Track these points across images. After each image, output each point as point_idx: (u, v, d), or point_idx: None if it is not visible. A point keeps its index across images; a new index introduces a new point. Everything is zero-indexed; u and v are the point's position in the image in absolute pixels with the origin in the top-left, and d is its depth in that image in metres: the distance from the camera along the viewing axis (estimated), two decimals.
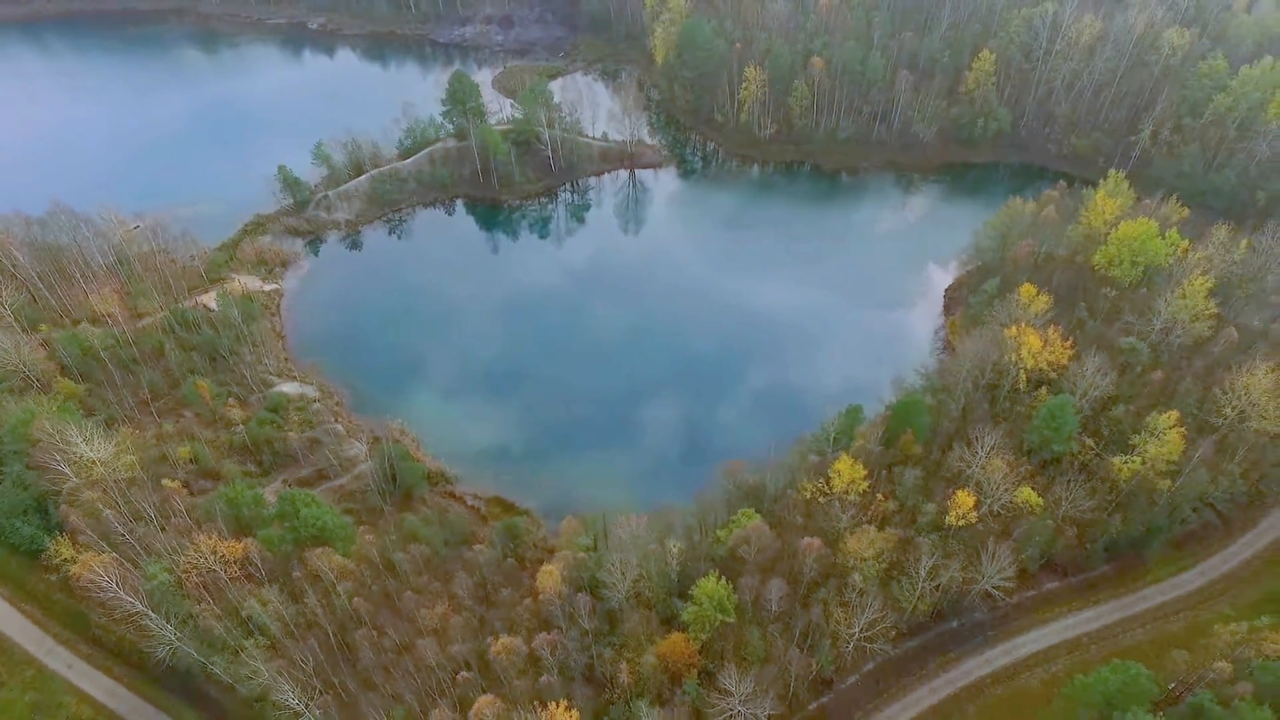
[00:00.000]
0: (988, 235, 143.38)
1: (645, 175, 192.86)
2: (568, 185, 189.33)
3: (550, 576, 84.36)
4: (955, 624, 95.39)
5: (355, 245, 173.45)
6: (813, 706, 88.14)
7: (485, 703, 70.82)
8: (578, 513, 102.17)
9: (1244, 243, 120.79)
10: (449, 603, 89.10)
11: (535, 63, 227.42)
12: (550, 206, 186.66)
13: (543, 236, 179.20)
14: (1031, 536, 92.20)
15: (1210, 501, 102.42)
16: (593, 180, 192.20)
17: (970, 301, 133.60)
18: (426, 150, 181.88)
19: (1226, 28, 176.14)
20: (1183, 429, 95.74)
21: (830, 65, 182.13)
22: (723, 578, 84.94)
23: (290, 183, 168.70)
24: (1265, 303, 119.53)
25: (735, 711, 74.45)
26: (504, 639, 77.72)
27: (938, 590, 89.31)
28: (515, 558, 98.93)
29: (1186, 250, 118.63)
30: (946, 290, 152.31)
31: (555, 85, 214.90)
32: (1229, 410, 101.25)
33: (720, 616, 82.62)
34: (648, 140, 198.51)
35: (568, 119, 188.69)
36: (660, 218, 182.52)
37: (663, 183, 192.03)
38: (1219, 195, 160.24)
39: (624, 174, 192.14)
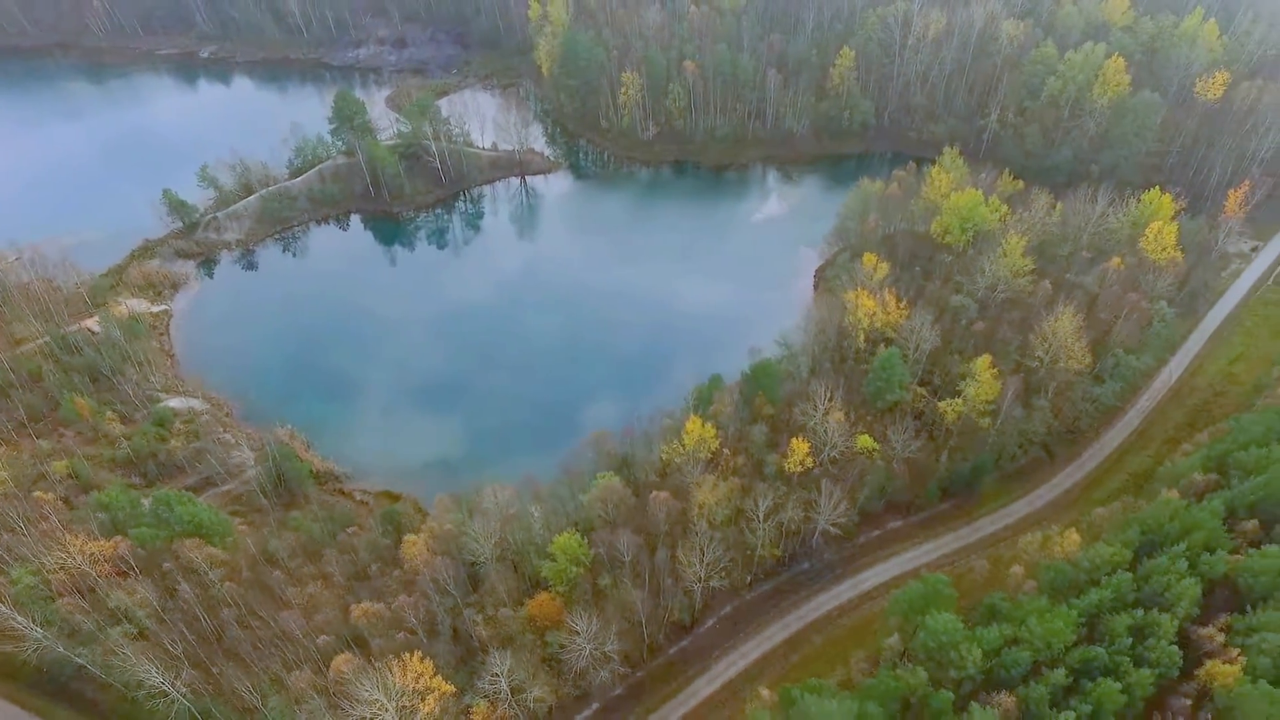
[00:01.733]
0: (847, 216, 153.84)
1: (536, 181, 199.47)
2: (461, 195, 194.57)
3: (414, 546, 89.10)
4: (806, 565, 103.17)
5: (250, 265, 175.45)
6: (672, 651, 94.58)
7: (342, 660, 75.15)
8: (450, 492, 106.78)
9: (1057, 207, 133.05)
10: (323, 583, 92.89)
11: (429, 81, 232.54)
12: (445, 216, 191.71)
13: (439, 245, 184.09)
14: (864, 477, 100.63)
15: (1034, 439, 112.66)
16: (486, 189, 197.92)
17: (827, 275, 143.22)
18: (316, 168, 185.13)
19: (1055, 18, 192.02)
20: (996, 371, 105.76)
21: (703, 68, 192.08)
22: (582, 535, 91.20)
23: (176, 206, 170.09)
24: (1081, 258, 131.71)
25: (583, 649, 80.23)
26: (365, 604, 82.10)
27: (781, 530, 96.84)
28: (395, 540, 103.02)
29: (1006, 215, 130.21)
30: (817, 270, 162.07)
31: (449, 100, 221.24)
32: (1041, 353, 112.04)
33: (575, 569, 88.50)
34: (538, 149, 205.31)
35: (456, 131, 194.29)
36: (553, 221, 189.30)
37: (554, 188, 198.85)
38: (1059, 170, 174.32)
39: (515, 181, 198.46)
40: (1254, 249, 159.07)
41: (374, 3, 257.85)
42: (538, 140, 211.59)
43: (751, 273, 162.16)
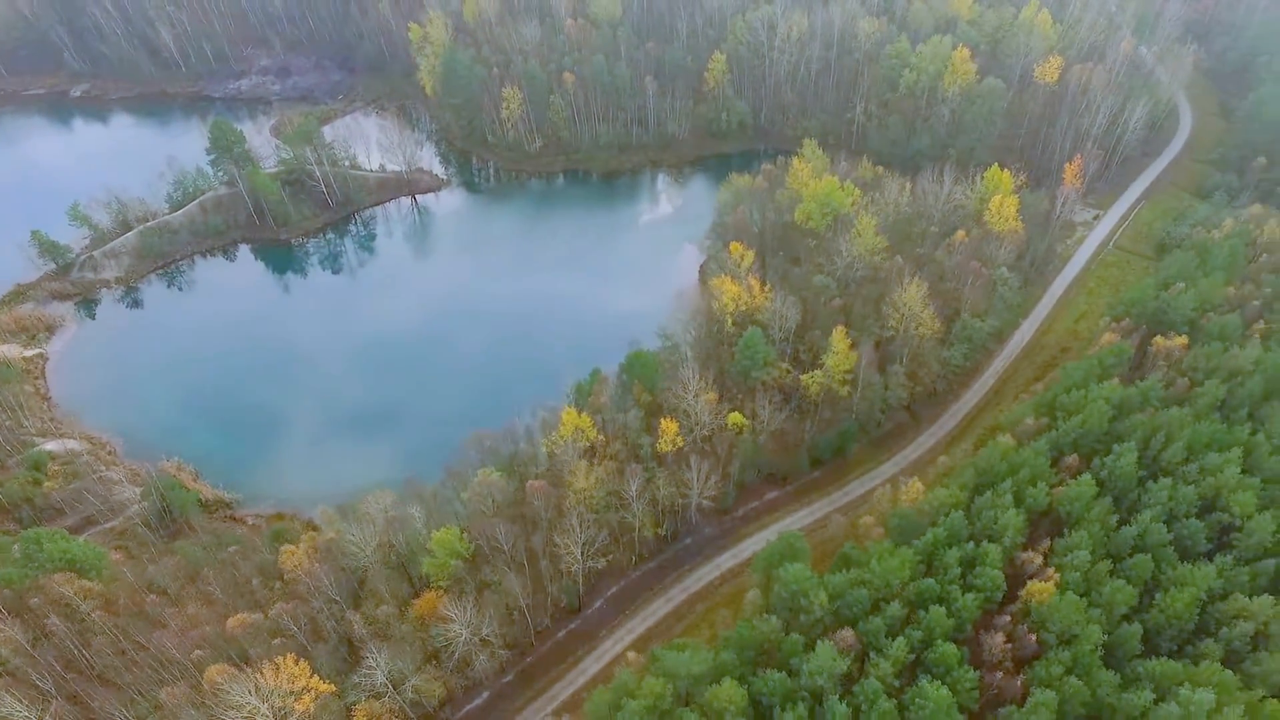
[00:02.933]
0: (722, 211, 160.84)
1: (428, 200, 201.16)
2: (352, 218, 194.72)
3: (293, 556, 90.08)
4: (688, 541, 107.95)
5: (134, 302, 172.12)
6: (561, 634, 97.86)
7: (216, 670, 75.77)
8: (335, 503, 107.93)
9: (907, 187, 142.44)
10: (203, 602, 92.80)
11: (315, 107, 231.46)
12: (337, 240, 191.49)
13: (333, 269, 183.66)
14: (734, 452, 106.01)
15: (893, 403, 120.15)
16: (379, 210, 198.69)
17: (703, 268, 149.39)
18: (197, 200, 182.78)
19: (908, 14, 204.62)
20: (851, 342, 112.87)
21: (583, 79, 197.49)
22: (461, 531, 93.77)
23: (48, 247, 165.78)
24: (931, 234, 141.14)
25: (459, 636, 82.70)
26: (240, 615, 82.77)
27: (657, 508, 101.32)
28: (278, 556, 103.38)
29: (858, 198, 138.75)
30: (702, 265, 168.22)
31: (336, 125, 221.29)
32: (894, 323, 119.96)
33: (454, 562, 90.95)
34: (428, 167, 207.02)
35: (341, 155, 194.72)
36: (446, 237, 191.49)
37: (446, 205, 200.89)
38: (922, 155, 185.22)
39: (406, 201, 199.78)
40: (1096, 217, 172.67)
41: (254, 33, 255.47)
42: (429, 159, 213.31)
43: (640, 272, 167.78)
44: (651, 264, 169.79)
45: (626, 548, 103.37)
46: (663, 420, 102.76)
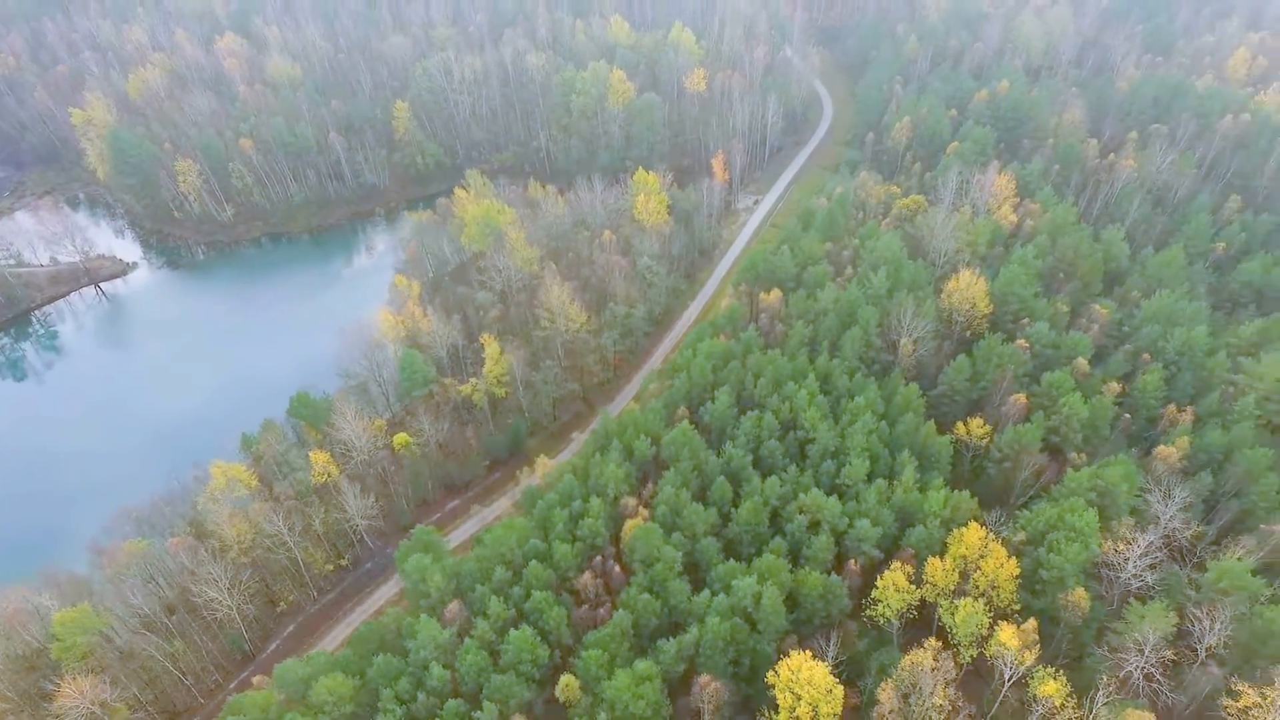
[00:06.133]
0: (403, 248, 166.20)
1: (116, 287, 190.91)
2: (26, 317, 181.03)
3: None
4: (369, 565, 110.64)
5: None
6: (233, 685, 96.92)
7: None
8: None
9: (559, 200, 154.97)
10: None
11: None
12: (12, 344, 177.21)
13: (12, 375, 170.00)
14: (388, 469, 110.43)
15: (558, 395, 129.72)
16: (63, 305, 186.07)
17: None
18: None
19: (573, 45, 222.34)
20: (500, 346, 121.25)
21: (263, 143, 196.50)
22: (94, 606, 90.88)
23: None
24: (584, 237, 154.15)
25: (80, 711, 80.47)
26: None
27: (321, 539, 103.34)
28: None
29: (512, 217, 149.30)
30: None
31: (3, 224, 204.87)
32: (546, 322, 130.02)
33: (86, 639, 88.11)
34: (114, 253, 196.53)
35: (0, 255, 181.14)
36: (139, 322, 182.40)
37: (138, 289, 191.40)
38: (606, 171, 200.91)
39: (90, 291, 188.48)
40: (756, 202, 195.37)
41: None
42: (124, 244, 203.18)
43: (338, 320, 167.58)
44: (350, 310, 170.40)
45: (303, 586, 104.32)
46: (312, 454, 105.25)
